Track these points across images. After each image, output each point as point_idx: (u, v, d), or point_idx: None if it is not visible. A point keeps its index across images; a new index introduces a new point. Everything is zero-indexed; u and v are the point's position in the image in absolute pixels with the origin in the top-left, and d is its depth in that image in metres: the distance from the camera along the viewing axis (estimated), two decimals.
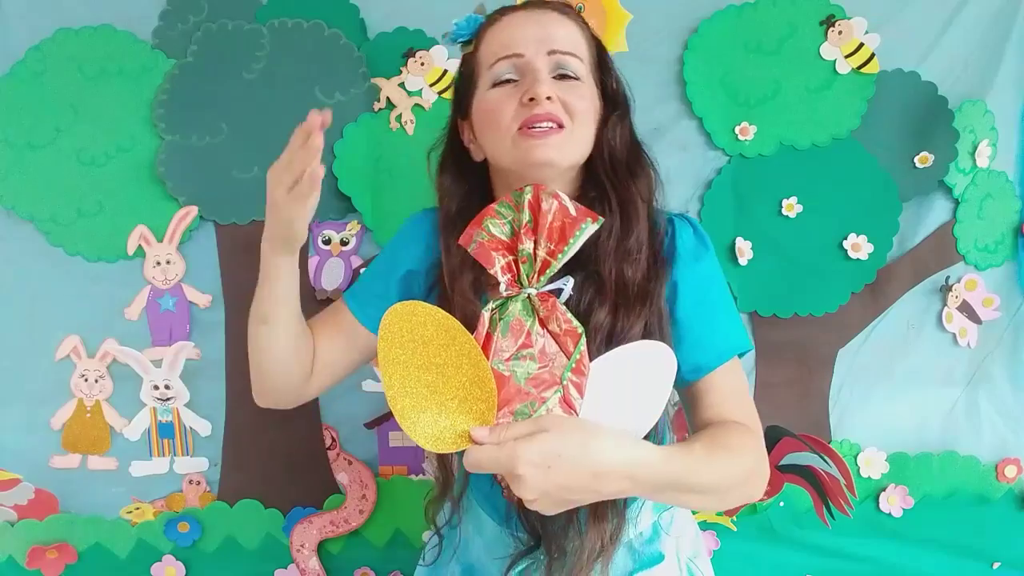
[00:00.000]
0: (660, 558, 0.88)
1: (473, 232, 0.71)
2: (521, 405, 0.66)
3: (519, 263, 0.70)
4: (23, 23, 1.19)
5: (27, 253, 1.22)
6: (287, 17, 1.20)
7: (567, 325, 0.67)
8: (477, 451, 0.62)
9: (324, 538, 1.26)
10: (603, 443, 0.61)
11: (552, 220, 0.69)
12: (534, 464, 0.59)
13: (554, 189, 0.71)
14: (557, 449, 0.59)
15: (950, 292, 1.30)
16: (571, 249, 0.69)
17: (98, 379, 1.23)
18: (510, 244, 0.71)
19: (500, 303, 0.70)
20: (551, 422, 0.62)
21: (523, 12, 0.84)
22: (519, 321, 0.68)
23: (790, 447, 1.21)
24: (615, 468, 0.61)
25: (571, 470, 0.60)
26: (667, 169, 1.24)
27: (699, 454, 0.69)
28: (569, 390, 0.66)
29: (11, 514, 1.23)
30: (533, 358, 0.67)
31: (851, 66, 1.25)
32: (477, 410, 0.65)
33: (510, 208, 0.71)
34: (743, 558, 1.31)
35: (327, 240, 1.25)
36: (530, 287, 0.70)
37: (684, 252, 0.82)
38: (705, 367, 0.80)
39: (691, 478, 0.67)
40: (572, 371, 0.66)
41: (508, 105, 0.79)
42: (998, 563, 1.34)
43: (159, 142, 1.21)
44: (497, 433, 0.62)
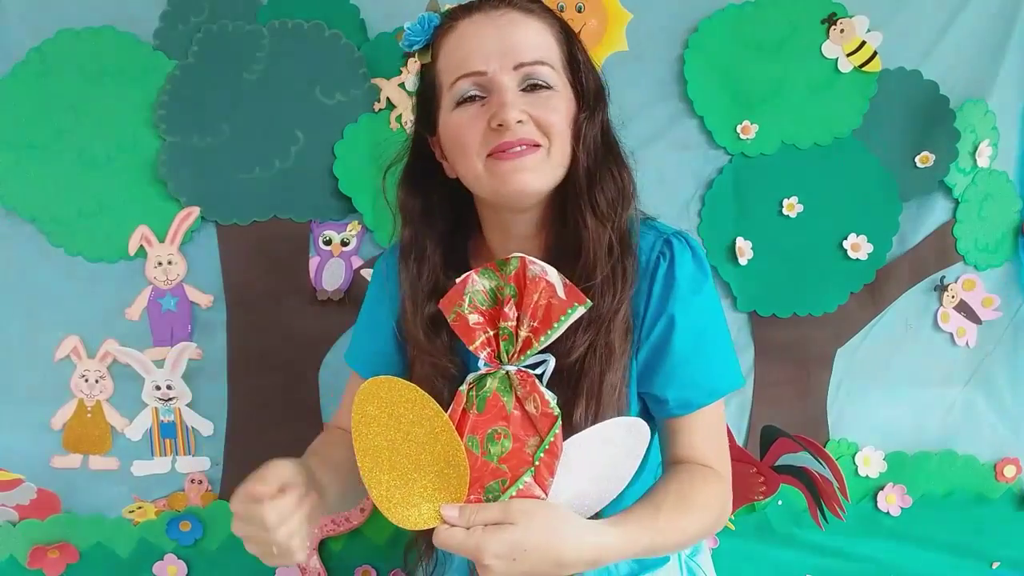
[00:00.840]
0: (665, 559, 0.89)
1: (453, 302, 0.69)
2: (492, 482, 0.66)
3: (499, 339, 0.68)
4: (24, 24, 1.19)
5: (28, 253, 1.22)
6: (287, 18, 1.20)
7: (544, 407, 0.66)
8: (446, 533, 0.64)
9: (325, 536, 1.27)
10: (567, 536, 0.63)
11: (538, 299, 0.66)
12: (499, 556, 0.61)
13: (542, 263, 0.67)
14: (522, 543, 0.61)
15: (945, 292, 1.30)
16: (555, 332, 0.66)
17: (99, 379, 1.23)
18: (491, 316, 0.69)
19: (478, 378, 0.69)
20: (518, 513, 0.63)
21: (481, 15, 0.76)
22: (496, 398, 0.67)
23: (785, 448, 1.22)
24: (578, 559, 0.64)
25: (535, 562, 0.62)
26: (667, 168, 1.27)
27: (663, 523, 0.70)
28: (542, 470, 0.66)
29: (12, 514, 1.24)
30: (507, 436, 0.67)
31: (853, 65, 1.25)
32: (449, 488, 0.66)
33: (493, 276, 0.69)
34: (742, 557, 1.31)
35: (328, 241, 1.25)
36: (509, 364, 0.68)
37: (683, 284, 0.77)
38: (694, 404, 0.79)
39: (654, 548, 0.70)
40: (545, 452, 0.66)
41: (475, 130, 0.73)
42: (997, 563, 1.34)
43: (160, 143, 1.21)
44: (466, 515, 0.64)
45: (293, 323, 1.25)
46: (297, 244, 1.25)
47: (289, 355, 1.25)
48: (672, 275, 0.78)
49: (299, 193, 1.23)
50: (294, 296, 1.25)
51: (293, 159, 1.22)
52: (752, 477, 1.22)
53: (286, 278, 1.25)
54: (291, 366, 1.24)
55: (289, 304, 1.25)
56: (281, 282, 1.25)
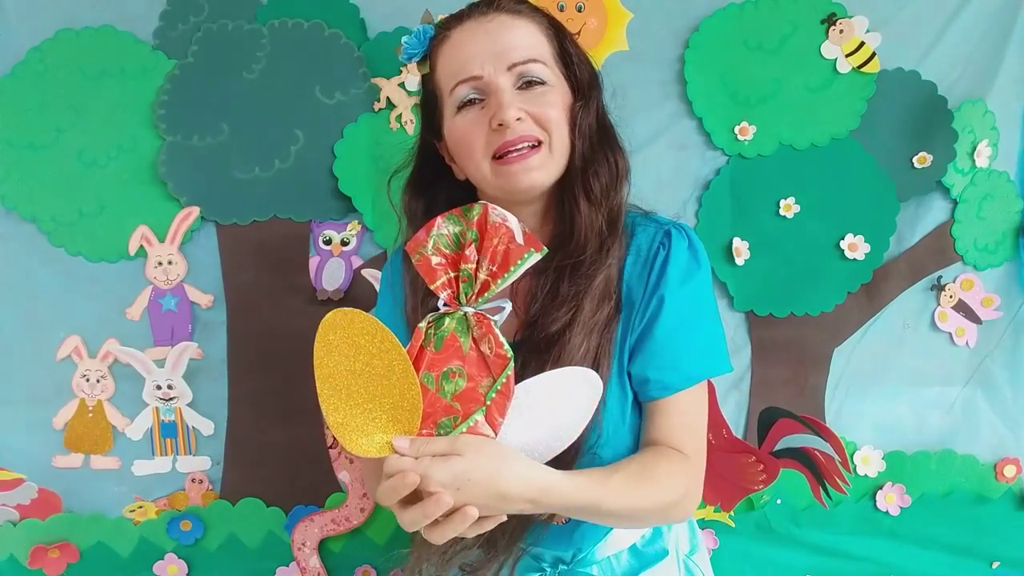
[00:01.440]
0: (664, 554, 0.90)
1: (419, 243, 0.71)
2: (445, 419, 0.68)
3: (460, 281, 0.70)
4: (24, 23, 1.19)
5: (28, 253, 1.22)
6: (287, 17, 1.21)
7: (498, 349, 0.69)
8: (396, 461, 0.65)
9: (325, 536, 1.27)
10: (511, 470, 0.66)
11: (497, 243, 0.69)
12: (444, 485, 0.63)
13: (502, 210, 0.70)
14: (467, 473, 0.64)
15: (943, 292, 1.30)
16: (512, 276, 0.69)
17: (99, 379, 1.23)
18: (453, 259, 0.71)
19: (437, 318, 0.71)
20: (465, 445, 0.65)
21: (472, 22, 0.80)
22: (453, 338, 0.70)
23: (786, 429, 1.21)
24: (519, 493, 0.66)
25: (479, 492, 0.64)
26: (666, 169, 1.27)
27: (615, 485, 0.72)
28: (493, 410, 0.68)
29: (13, 514, 1.24)
30: (462, 375, 0.69)
31: (852, 65, 1.25)
32: (403, 420, 0.68)
33: (458, 222, 0.71)
34: (741, 556, 1.31)
35: (328, 240, 1.25)
36: (468, 306, 0.70)
37: (675, 270, 0.81)
38: (672, 387, 0.80)
39: (602, 506, 0.71)
40: (497, 393, 0.68)
41: (478, 132, 0.78)
42: (997, 563, 1.35)
43: (160, 142, 1.21)
44: (416, 446, 0.66)
45: (293, 323, 1.25)
46: (297, 244, 1.25)
47: (289, 355, 1.25)
48: (667, 262, 0.81)
49: (299, 193, 1.24)
50: (294, 296, 1.25)
51: (293, 159, 1.23)
52: (751, 466, 1.21)
53: (286, 278, 1.25)
54: (291, 366, 1.24)
55: (289, 304, 1.25)
56: (281, 282, 1.25)
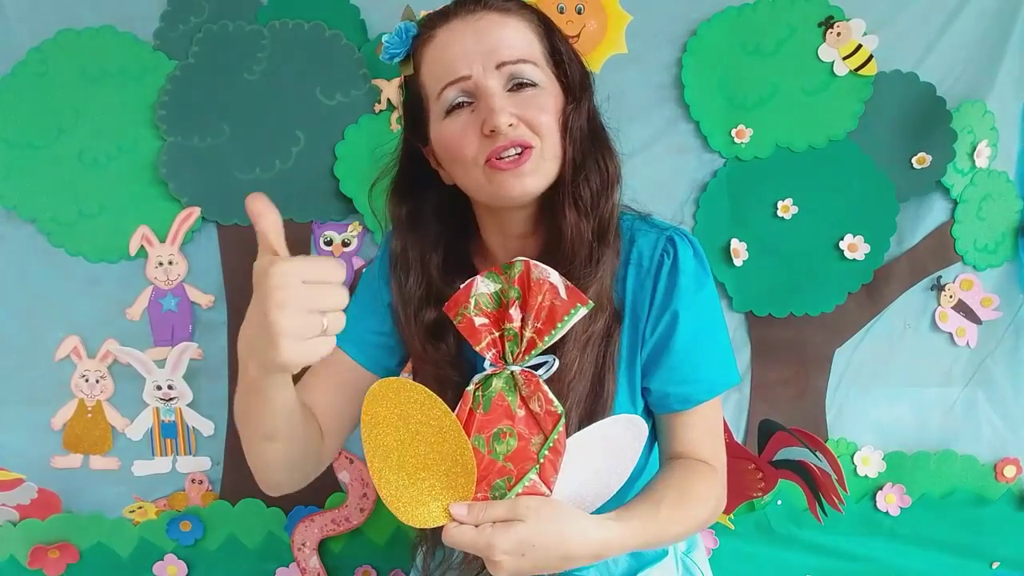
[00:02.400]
0: (663, 553, 0.90)
1: (459, 304, 0.70)
2: (499, 480, 0.68)
3: (504, 340, 0.70)
4: (25, 24, 1.19)
5: (29, 253, 1.22)
6: (288, 18, 1.21)
7: (548, 406, 0.68)
8: (456, 531, 0.64)
9: (325, 536, 1.27)
10: (573, 532, 0.65)
11: (542, 300, 0.68)
12: (509, 552, 0.63)
13: (544, 266, 0.68)
14: (531, 539, 0.63)
15: (943, 292, 1.31)
16: (559, 332, 0.68)
17: (99, 379, 1.23)
18: (496, 318, 0.70)
19: (484, 378, 0.70)
20: (526, 510, 0.64)
21: (458, 21, 0.75)
22: (501, 397, 0.69)
23: (783, 442, 1.22)
24: (583, 553, 0.66)
25: (544, 557, 0.64)
26: (663, 171, 1.27)
27: (663, 518, 0.72)
28: (546, 467, 0.67)
29: (13, 514, 1.24)
30: (513, 435, 0.68)
31: (849, 67, 1.25)
32: (458, 486, 0.67)
33: (497, 279, 0.71)
34: (741, 557, 1.31)
35: (329, 241, 1.25)
36: (514, 364, 0.70)
37: (686, 281, 0.79)
38: (694, 400, 0.80)
39: (655, 541, 0.73)
40: (550, 450, 0.67)
41: (469, 138, 0.74)
42: (997, 563, 1.34)
43: (161, 143, 1.21)
44: (475, 513, 0.65)
45: None
46: (298, 245, 1.25)
47: None
48: (676, 272, 0.79)
49: (300, 194, 1.24)
50: None
51: (294, 160, 1.23)
52: (751, 474, 1.22)
53: None
54: None
55: None
56: None
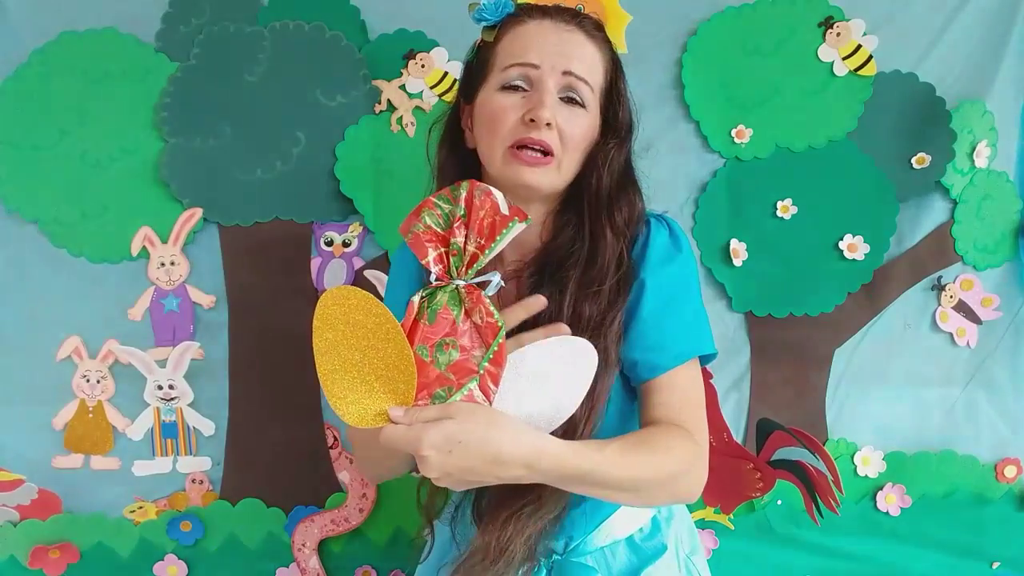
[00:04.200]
0: (663, 549, 0.90)
1: (410, 223, 0.74)
2: (440, 389, 0.70)
3: (450, 255, 0.73)
4: (27, 26, 1.20)
5: (31, 254, 1.23)
6: (288, 19, 1.22)
7: (489, 319, 0.71)
8: (390, 429, 0.67)
9: (325, 537, 1.27)
10: (503, 433, 0.66)
11: (483, 216, 0.72)
12: (436, 447, 0.64)
13: (487, 186, 0.73)
14: (458, 435, 0.64)
15: (943, 292, 1.31)
16: (498, 245, 0.72)
17: (100, 380, 1.24)
18: (443, 236, 0.74)
19: (429, 292, 0.73)
20: (457, 410, 0.66)
21: (551, 22, 0.83)
22: (446, 310, 0.72)
23: (781, 441, 1.22)
24: (513, 457, 0.66)
25: (470, 455, 0.64)
26: (663, 171, 1.27)
27: (612, 452, 0.71)
28: (486, 379, 0.70)
29: (13, 514, 1.24)
30: (455, 346, 0.71)
31: (849, 68, 1.25)
32: (398, 391, 0.69)
33: (447, 201, 0.75)
34: (741, 557, 1.31)
35: (329, 242, 1.25)
36: (459, 279, 0.73)
37: (655, 255, 0.83)
38: (661, 367, 0.81)
39: (599, 473, 0.70)
40: (490, 361, 0.70)
41: (510, 116, 0.80)
42: (997, 563, 1.34)
43: (163, 144, 1.22)
44: (410, 414, 0.67)
45: (294, 324, 1.25)
46: (299, 245, 1.25)
47: (290, 355, 1.25)
48: (646, 247, 0.84)
49: (301, 194, 1.24)
50: (296, 297, 1.25)
51: (295, 160, 1.23)
52: (749, 474, 1.22)
53: (288, 279, 1.25)
54: (292, 366, 1.25)
55: (291, 305, 1.25)
56: (283, 283, 1.25)
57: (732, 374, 1.31)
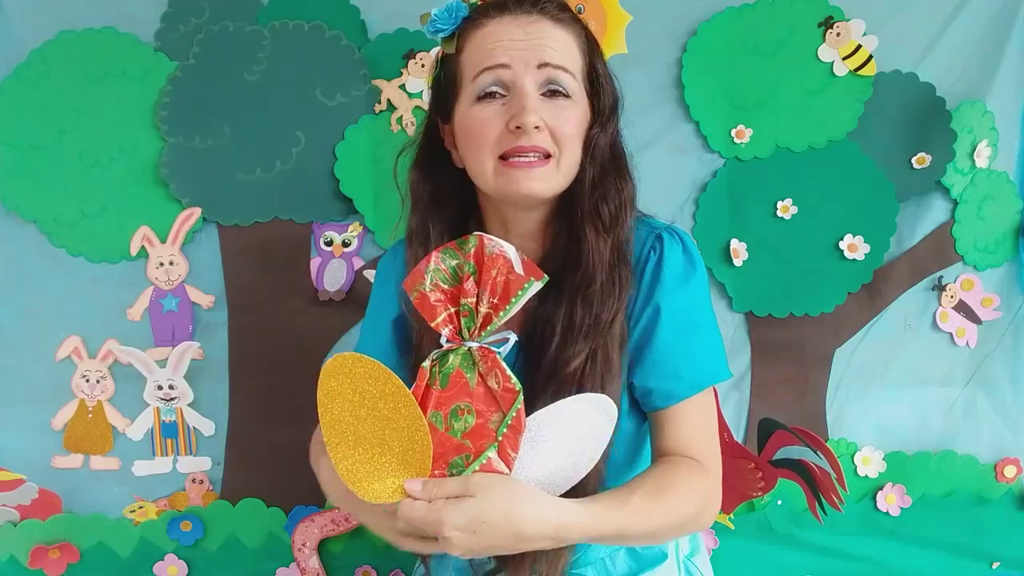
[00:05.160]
0: (663, 557, 0.89)
1: (416, 281, 0.69)
2: (457, 458, 0.67)
3: (460, 316, 0.69)
4: (26, 25, 1.19)
5: (30, 254, 1.22)
6: (288, 19, 1.21)
7: (506, 383, 0.67)
8: (409, 507, 0.64)
9: (325, 537, 1.27)
10: (526, 509, 0.64)
11: (496, 275, 0.67)
12: (459, 528, 0.62)
13: (499, 240, 0.68)
14: (481, 516, 0.62)
15: (944, 292, 1.31)
16: (513, 308, 0.67)
17: (99, 379, 1.23)
18: (452, 295, 0.69)
19: (440, 355, 0.70)
20: (478, 486, 0.63)
21: (511, 17, 0.76)
22: (459, 374, 0.68)
23: (783, 441, 1.22)
24: (537, 532, 0.64)
25: (494, 535, 0.63)
26: (663, 172, 1.27)
27: (633, 507, 0.69)
28: (505, 445, 0.66)
29: (13, 514, 1.24)
30: (471, 412, 0.67)
31: (849, 68, 1.25)
32: (413, 462, 0.66)
33: (454, 255, 0.70)
34: (741, 557, 1.31)
35: (329, 241, 1.25)
36: (471, 340, 0.69)
37: (670, 276, 0.79)
38: (677, 395, 0.79)
39: (623, 532, 0.69)
40: (508, 427, 0.66)
41: (493, 128, 0.75)
42: (997, 563, 1.34)
43: (162, 144, 1.21)
44: (428, 489, 0.64)
45: (294, 324, 1.25)
46: (298, 245, 1.25)
47: (290, 355, 1.25)
48: (660, 267, 0.80)
49: (300, 194, 1.24)
50: (295, 297, 1.25)
51: (294, 160, 1.23)
52: (750, 473, 1.22)
53: (287, 279, 1.25)
54: (292, 366, 1.25)
55: (290, 305, 1.25)
56: (282, 283, 1.25)
57: (733, 374, 1.30)
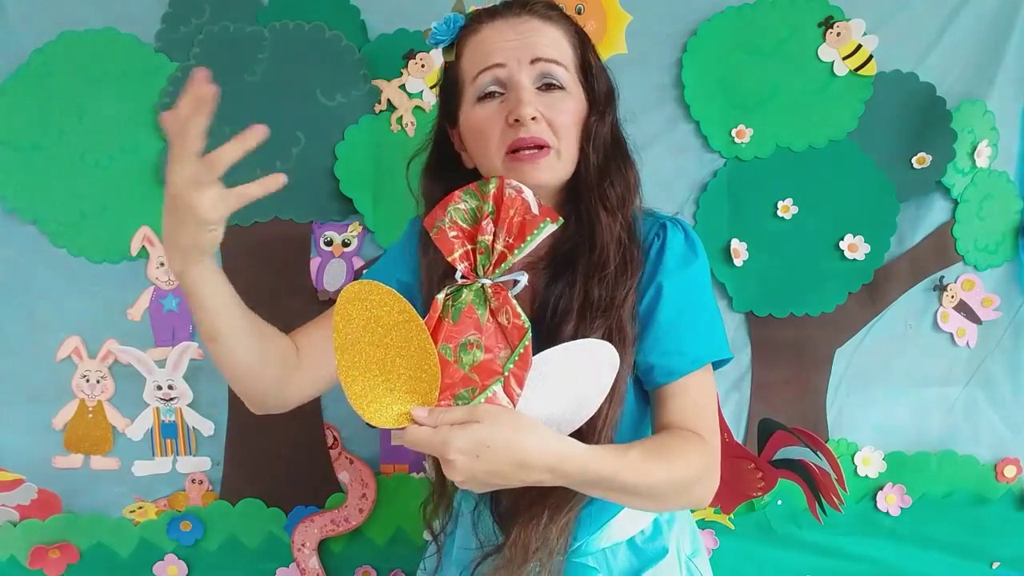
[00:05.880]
0: (664, 552, 0.90)
1: (436, 217, 0.72)
2: (463, 390, 0.68)
3: (476, 253, 0.71)
4: (27, 26, 1.20)
5: (30, 254, 1.23)
6: (288, 19, 1.21)
7: (515, 320, 0.69)
8: (414, 431, 0.66)
9: (325, 537, 1.27)
10: (529, 437, 0.65)
11: (513, 215, 0.70)
12: (463, 451, 0.63)
13: (518, 183, 0.72)
14: (485, 439, 0.64)
15: (944, 292, 1.31)
16: (528, 245, 0.70)
17: (99, 379, 1.23)
18: (470, 233, 0.72)
19: (454, 290, 0.72)
20: (484, 413, 0.65)
21: (503, 20, 0.83)
22: (471, 309, 0.70)
23: (783, 441, 1.22)
24: (538, 461, 0.65)
25: (496, 459, 0.64)
26: (664, 171, 1.27)
27: (632, 458, 0.71)
28: (510, 381, 0.68)
29: (13, 514, 1.24)
30: (480, 347, 0.69)
31: (849, 68, 1.25)
32: (421, 391, 0.68)
33: (475, 196, 0.73)
34: (741, 557, 1.31)
35: (329, 241, 1.25)
36: (485, 277, 0.71)
37: (672, 258, 0.83)
38: (678, 371, 0.81)
39: (620, 479, 0.70)
40: (515, 363, 0.68)
41: (495, 125, 0.80)
42: (997, 563, 1.34)
43: (162, 144, 1.21)
44: (435, 415, 0.66)
45: (294, 323, 1.24)
46: (298, 245, 1.25)
47: None
48: (663, 251, 0.83)
49: (300, 194, 1.24)
50: (295, 296, 1.25)
51: (294, 160, 1.23)
52: (750, 473, 1.22)
53: (287, 279, 1.25)
54: None
55: (290, 304, 1.25)
56: (282, 283, 1.25)
57: (733, 374, 1.31)
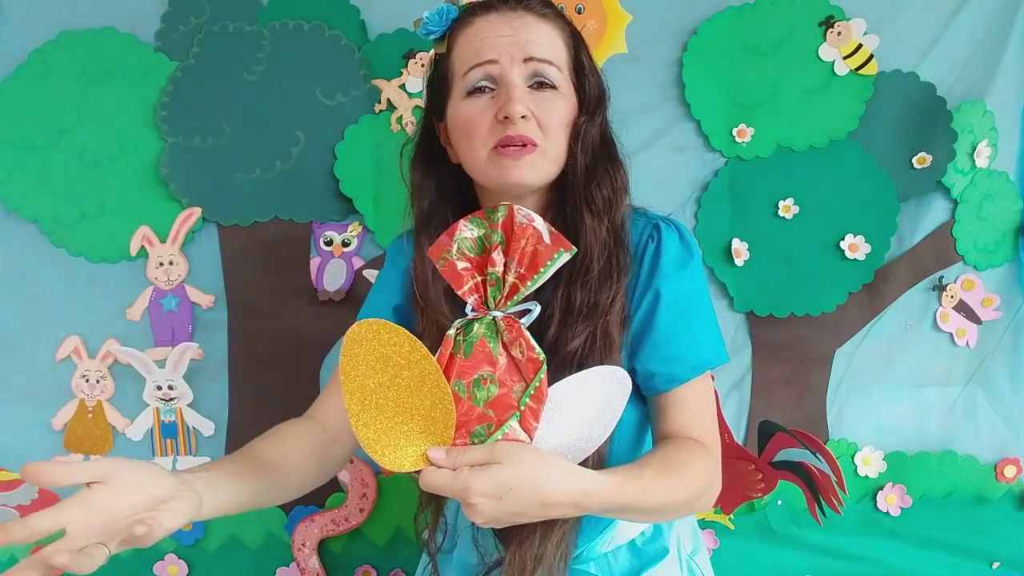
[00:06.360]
0: (664, 552, 0.89)
1: (442, 247, 0.70)
2: (479, 427, 0.66)
3: (487, 285, 0.69)
4: (26, 25, 1.20)
5: (30, 254, 1.23)
6: (288, 19, 1.21)
7: (530, 352, 0.67)
8: (433, 474, 0.64)
9: (325, 536, 1.27)
10: (552, 476, 0.64)
11: (524, 244, 0.68)
12: (485, 495, 0.62)
13: (528, 211, 0.70)
14: (508, 482, 0.62)
15: (944, 292, 1.31)
16: (541, 277, 0.68)
17: (99, 379, 1.23)
18: (479, 263, 0.70)
19: (465, 324, 0.69)
20: (504, 452, 0.63)
21: (497, 14, 0.80)
22: (483, 343, 0.68)
23: (783, 443, 1.22)
24: (561, 499, 0.64)
25: (520, 501, 0.63)
26: (664, 171, 1.27)
27: (648, 480, 0.70)
28: (527, 415, 0.66)
29: (13, 514, 1.24)
30: (494, 381, 0.67)
31: (849, 67, 1.25)
32: (436, 431, 0.66)
33: (481, 224, 0.70)
34: (741, 557, 1.31)
35: (329, 241, 1.25)
36: (496, 310, 0.69)
37: (668, 262, 0.81)
38: (679, 379, 0.80)
39: (638, 503, 0.69)
40: (531, 397, 0.66)
41: (483, 121, 0.78)
42: (997, 563, 1.34)
43: (162, 144, 1.22)
44: (453, 457, 0.64)
45: (294, 323, 1.25)
46: (298, 245, 1.25)
47: (290, 355, 1.25)
48: (658, 254, 0.82)
49: (300, 194, 1.24)
50: (295, 296, 1.25)
51: (294, 160, 1.23)
52: (751, 474, 1.22)
53: (287, 279, 1.25)
54: (292, 366, 1.25)
55: (290, 304, 1.25)
56: (282, 283, 1.25)
57: (733, 374, 1.31)
